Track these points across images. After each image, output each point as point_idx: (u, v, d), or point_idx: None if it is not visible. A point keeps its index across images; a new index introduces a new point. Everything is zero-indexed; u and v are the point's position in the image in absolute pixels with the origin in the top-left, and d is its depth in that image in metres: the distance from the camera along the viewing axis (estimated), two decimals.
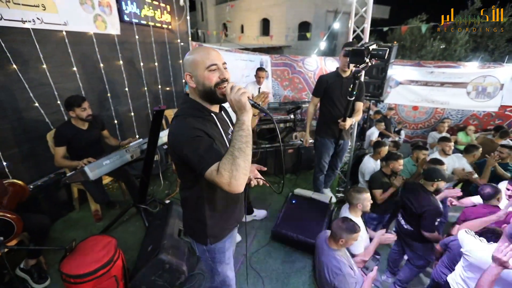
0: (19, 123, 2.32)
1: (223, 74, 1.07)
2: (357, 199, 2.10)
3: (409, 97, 5.85)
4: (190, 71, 1.08)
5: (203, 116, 1.10)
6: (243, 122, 0.96)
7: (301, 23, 16.96)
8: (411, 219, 2.18)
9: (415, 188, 2.19)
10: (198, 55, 1.06)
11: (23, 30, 2.24)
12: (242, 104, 0.95)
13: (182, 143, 0.99)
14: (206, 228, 1.24)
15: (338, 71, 2.48)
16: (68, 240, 2.48)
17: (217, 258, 1.34)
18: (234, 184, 0.93)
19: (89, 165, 1.98)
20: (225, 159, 0.94)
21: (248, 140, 0.95)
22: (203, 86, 1.07)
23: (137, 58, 3.51)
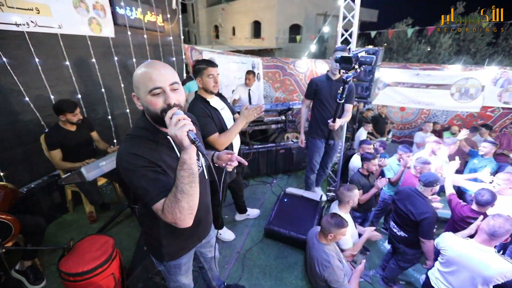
0: (14, 126, 2.33)
1: (168, 99, 0.90)
2: (348, 196, 2.20)
3: (397, 98, 6.03)
4: (135, 92, 0.95)
5: (156, 140, 0.98)
6: (184, 161, 0.85)
7: (292, 25, 17.20)
8: (406, 226, 2.20)
9: (411, 194, 2.21)
10: (140, 75, 0.91)
11: (18, 33, 2.26)
12: (179, 140, 0.82)
13: (127, 171, 0.91)
14: (162, 247, 1.18)
15: (328, 74, 2.59)
16: (62, 241, 2.49)
17: (172, 272, 1.31)
18: (180, 224, 0.90)
19: (85, 166, 2.02)
20: (168, 200, 0.88)
21: (192, 180, 0.86)
22: (148, 111, 0.94)
23: (132, 60, 3.54)
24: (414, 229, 2.14)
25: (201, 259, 1.59)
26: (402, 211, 2.24)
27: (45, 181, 2.65)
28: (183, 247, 1.26)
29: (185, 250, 1.28)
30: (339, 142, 2.87)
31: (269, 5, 16.37)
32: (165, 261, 1.23)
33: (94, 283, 1.65)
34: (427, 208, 2.08)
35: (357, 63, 1.91)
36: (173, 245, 1.20)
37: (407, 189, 2.31)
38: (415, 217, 2.10)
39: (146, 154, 0.92)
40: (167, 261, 1.23)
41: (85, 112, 2.96)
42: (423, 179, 2.20)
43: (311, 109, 2.80)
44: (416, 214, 2.10)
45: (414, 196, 2.20)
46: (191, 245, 1.30)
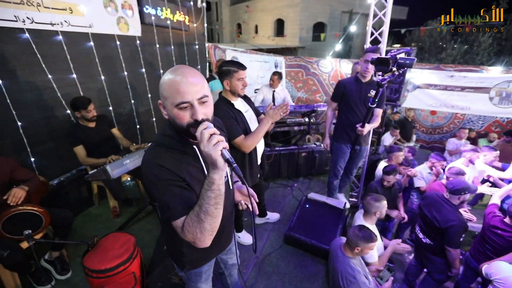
0: (47, 121, 2.44)
1: (196, 115, 0.83)
2: (376, 207, 2.07)
3: (427, 102, 5.69)
4: (162, 101, 0.89)
5: (181, 149, 0.93)
6: (213, 181, 0.79)
7: (316, 24, 16.83)
8: (431, 233, 2.09)
9: (437, 200, 2.09)
10: (168, 86, 0.83)
11: (52, 32, 2.35)
12: (212, 160, 0.76)
13: (151, 182, 0.88)
14: (183, 256, 1.15)
15: (357, 76, 2.45)
16: (88, 234, 2.61)
17: (192, 279, 1.28)
18: (198, 244, 0.86)
19: (110, 164, 2.05)
20: (190, 218, 0.84)
21: (218, 201, 0.82)
22: (174, 123, 0.89)
23: (157, 58, 3.60)
24: (440, 236, 2.02)
25: (222, 265, 1.56)
26: (427, 217, 2.11)
27: (73, 175, 2.76)
28: (204, 257, 1.23)
29: (206, 260, 1.25)
30: (366, 147, 2.73)
31: (293, 3, 16.11)
32: (186, 270, 1.21)
33: (115, 281, 1.67)
34: (453, 216, 1.96)
35: (395, 65, 1.77)
36: (194, 255, 1.17)
37: (434, 195, 2.18)
38: (440, 224, 1.99)
39: (171, 166, 0.87)
40: (188, 270, 1.21)
41: (112, 109, 3.04)
42: (450, 186, 2.07)
43: (337, 112, 2.67)
44: (441, 221, 1.99)
45: (440, 203, 2.07)
46: (212, 255, 1.27)
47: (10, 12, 2.04)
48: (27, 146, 2.28)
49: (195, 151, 0.96)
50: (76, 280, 2.09)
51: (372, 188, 2.63)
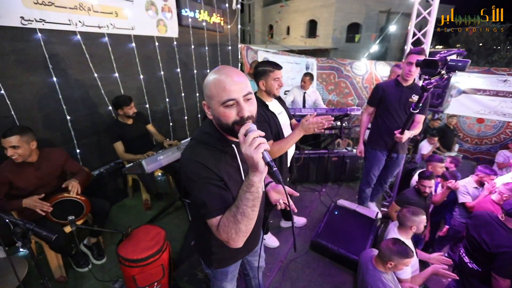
0: (91, 116, 2.63)
1: (242, 112, 0.84)
2: (412, 221, 1.91)
3: (474, 108, 5.20)
4: (206, 101, 0.89)
5: (220, 148, 0.93)
6: (253, 183, 0.79)
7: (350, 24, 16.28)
8: (480, 257, 1.88)
9: (489, 222, 1.87)
10: (213, 84, 0.84)
11: (99, 34, 2.53)
12: (254, 163, 0.76)
13: (189, 180, 0.89)
14: (212, 255, 1.16)
15: (398, 79, 2.31)
16: (121, 223, 2.77)
17: (218, 278, 1.30)
18: (232, 244, 0.87)
19: (146, 159, 2.15)
20: (226, 218, 0.85)
21: (255, 204, 0.82)
22: (219, 122, 0.89)
23: (191, 59, 3.72)
24: (488, 262, 1.80)
25: (247, 267, 1.56)
26: (475, 240, 1.89)
27: (112, 167, 2.95)
28: (232, 257, 1.24)
29: (234, 260, 1.26)
30: (403, 155, 2.55)
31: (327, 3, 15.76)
32: (213, 268, 1.22)
33: (145, 271, 1.74)
34: (508, 242, 1.73)
35: (445, 68, 1.62)
36: (222, 254, 1.18)
37: (486, 216, 1.94)
38: (489, 248, 1.77)
39: (210, 164, 0.88)
40: (215, 269, 1.22)
41: (148, 107, 3.21)
42: (507, 207, 1.82)
43: (374, 117, 2.53)
44: (491, 245, 1.77)
45: (493, 225, 1.84)
46: (240, 255, 1.27)
47: (65, 17, 2.23)
48: (74, 139, 2.48)
49: (233, 150, 0.95)
50: (110, 266, 2.23)
51: (403, 198, 2.40)
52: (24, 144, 1.73)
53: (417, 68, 2.13)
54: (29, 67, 2.11)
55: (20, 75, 2.06)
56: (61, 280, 2.04)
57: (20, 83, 2.07)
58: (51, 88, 2.25)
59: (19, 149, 1.72)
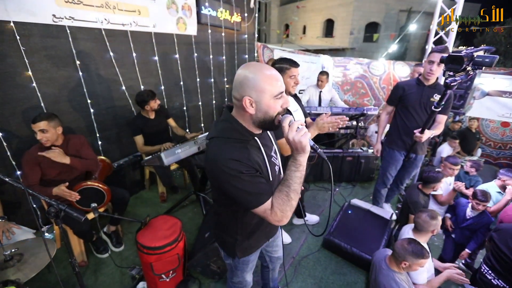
0: (112, 110, 2.74)
1: (286, 103, 0.95)
2: (433, 225, 1.84)
3: (499, 111, 4.98)
4: (253, 96, 0.91)
5: (245, 141, 0.98)
6: (301, 163, 0.91)
7: (369, 24, 15.92)
8: (507, 272, 1.77)
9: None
10: (267, 80, 0.89)
11: (122, 32, 2.63)
12: (302, 146, 0.88)
13: (224, 177, 0.92)
14: (236, 245, 1.21)
15: (419, 78, 2.25)
16: (139, 213, 2.87)
17: (239, 267, 1.34)
18: (284, 221, 0.94)
19: (164, 152, 2.23)
20: (279, 198, 0.92)
21: (301, 180, 0.93)
22: (264, 115, 0.94)
23: (209, 57, 3.79)
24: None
25: (267, 258, 1.60)
26: (502, 253, 1.77)
27: (130, 160, 3.06)
28: (254, 245, 1.28)
29: (255, 248, 1.30)
30: (422, 156, 2.49)
31: (345, 2, 15.50)
32: (238, 257, 1.25)
33: (162, 259, 1.80)
34: None
35: (470, 64, 1.57)
36: (246, 243, 1.23)
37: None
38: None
39: (243, 159, 0.92)
40: (239, 257, 1.26)
41: (165, 103, 3.30)
42: None
43: (393, 116, 2.48)
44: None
45: None
46: (260, 243, 1.31)
47: (92, 14, 2.35)
48: (96, 131, 2.60)
49: (257, 142, 1.02)
50: (128, 253, 2.32)
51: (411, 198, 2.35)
52: (51, 129, 1.85)
53: (439, 66, 2.07)
54: (58, 62, 2.23)
55: (50, 70, 2.19)
56: (82, 265, 2.15)
57: (50, 77, 2.20)
58: (77, 82, 2.37)
59: (48, 133, 1.84)
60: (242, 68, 0.94)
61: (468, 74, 1.62)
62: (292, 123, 0.89)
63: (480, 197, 2.28)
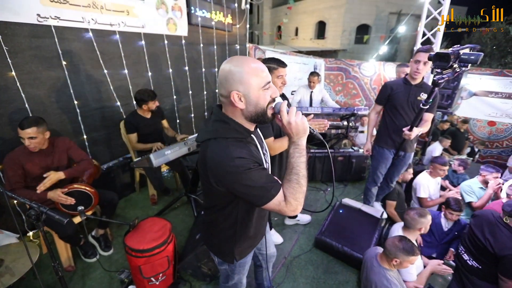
0: (100, 111, 2.69)
1: (275, 92, 0.94)
2: (421, 223, 1.89)
3: (485, 111, 5.11)
4: (241, 90, 0.89)
5: (244, 139, 0.97)
6: (303, 147, 0.92)
7: (360, 26, 16.14)
8: (481, 256, 1.85)
9: (492, 222, 1.83)
10: (252, 71, 0.88)
11: (110, 32, 2.59)
12: (304, 128, 0.90)
13: (232, 177, 0.88)
14: (235, 248, 1.17)
15: (406, 78, 2.29)
16: (128, 216, 2.82)
17: (236, 271, 1.31)
18: (299, 209, 0.93)
19: (154, 153, 2.19)
20: (291, 188, 0.91)
21: (306, 165, 0.94)
22: (255, 108, 0.92)
23: (200, 58, 3.77)
24: (492, 262, 1.77)
25: (260, 258, 1.59)
26: (477, 239, 1.85)
27: (120, 162, 3.01)
28: (251, 244, 1.26)
29: (251, 248, 1.29)
30: (410, 154, 2.52)
31: (337, 4, 15.67)
32: (236, 261, 1.22)
33: (151, 262, 1.77)
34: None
35: (457, 62, 1.62)
36: (244, 244, 1.20)
37: (489, 214, 1.90)
38: (494, 250, 1.74)
39: (247, 155, 0.90)
40: (237, 260, 1.22)
41: None
42: (508, 209, 1.77)
43: (382, 115, 2.52)
44: (496, 247, 1.73)
45: (497, 225, 1.80)
46: (256, 242, 1.30)
47: (78, 14, 2.30)
48: (83, 132, 2.55)
49: (254, 140, 1.03)
50: (117, 257, 2.28)
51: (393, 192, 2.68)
52: (40, 135, 1.80)
53: (425, 66, 2.12)
54: (44, 62, 2.18)
55: (35, 70, 2.13)
56: (69, 270, 2.10)
57: (35, 78, 2.14)
58: (63, 83, 2.32)
59: (36, 139, 1.79)
60: (226, 63, 0.93)
61: (455, 72, 1.66)
62: (290, 108, 0.92)
63: (454, 206, 2.22)
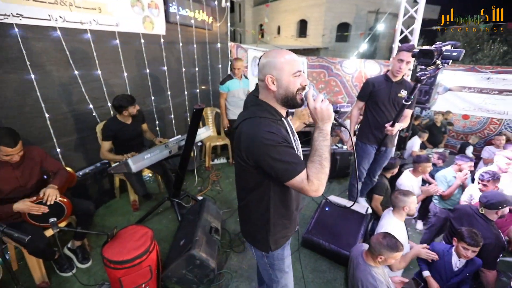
0: (72, 114, 2.52)
1: (305, 81, 1.06)
2: (404, 201, 1.93)
3: (459, 105, 5.35)
4: (274, 74, 1.03)
5: (276, 120, 1.07)
6: (327, 132, 1.00)
7: (340, 24, 16.44)
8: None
9: (470, 214, 1.91)
10: (285, 60, 1.03)
11: (81, 30, 2.44)
12: (329, 114, 0.99)
13: (263, 149, 0.97)
14: (269, 235, 1.20)
15: (387, 75, 2.32)
16: (108, 225, 2.69)
17: (276, 265, 1.31)
18: (320, 190, 0.98)
19: (132, 158, 2.09)
20: (313, 168, 0.97)
21: (329, 149, 1.01)
22: (285, 91, 1.05)
23: (179, 57, 3.65)
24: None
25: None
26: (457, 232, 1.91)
27: (98, 168, 2.86)
28: (285, 235, 1.27)
29: (286, 239, 1.29)
30: (392, 149, 2.58)
31: (318, 3, 15.86)
32: (271, 251, 1.24)
33: (132, 273, 1.68)
34: (488, 233, 1.78)
35: (440, 58, 1.66)
36: (279, 233, 1.23)
37: (467, 208, 2.00)
38: None
39: (278, 131, 1.00)
40: (273, 250, 1.24)
41: None
42: (484, 200, 1.86)
43: (364, 111, 2.55)
44: None
45: (474, 217, 1.88)
46: (290, 233, 1.30)
47: (45, 12, 2.14)
48: (53, 138, 2.37)
49: (284, 123, 1.11)
50: (96, 269, 2.15)
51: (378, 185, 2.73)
52: (20, 146, 1.71)
53: (407, 65, 2.16)
54: (5, 64, 2.00)
55: None
56: (43, 286, 1.95)
57: None
58: (28, 86, 2.15)
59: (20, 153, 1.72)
60: (263, 56, 1.08)
61: (437, 68, 1.70)
62: (317, 95, 1.02)
63: (468, 240, 1.72)
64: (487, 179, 2.18)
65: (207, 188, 3.46)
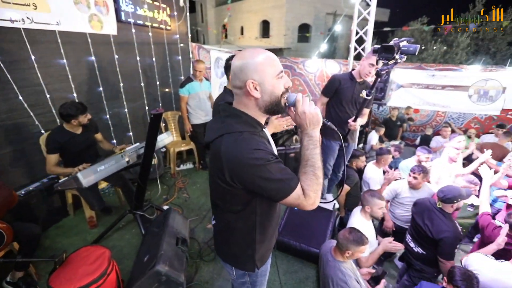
0: (6, 124, 2.21)
1: (288, 82, 0.94)
2: (367, 201, 2.01)
3: (410, 100, 5.80)
4: (256, 78, 0.89)
5: (258, 133, 0.94)
6: (316, 138, 0.92)
7: (301, 25, 16.95)
8: (424, 242, 2.02)
9: (429, 208, 2.02)
10: (264, 61, 0.89)
11: (13, 29, 2.14)
12: (318, 118, 0.91)
13: (252, 171, 0.85)
14: (255, 253, 1.11)
15: (353, 74, 2.39)
16: (60, 248, 2.40)
17: (258, 282, 1.23)
18: (317, 202, 0.91)
19: (82, 171, 1.88)
20: (308, 180, 0.89)
21: (320, 156, 0.93)
22: (270, 96, 0.91)
23: (135, 59, 3.41)
24: (433, 247, 1.95)
25: None
26: (419, 226, 2.04)
27: (44, 184, 2.54)
28: (269, 247, 1.21)
29: (270, 251, 1.23)
30: (353, 144, 2.69)
31: (278, 4, 16.16)
32: (257, 268, 1.15)
33: None
34: (446, 226, 1.89)
35: (398, 53, 1.75)
36: (263, 248, 1.14)
37: (426, 202, 2.10)
38: (432, 235, 1.92)
39: (265, 147, 0.89)
40: (259, 268, 1.15)
41: None
42: (441, 194, 1.97)
43: (326, 108, 2.58)
44: (434, 231, 1.92)
45: (433, 211, 1.99)
46: (272, 244, 1.24)
47: None
48: None
49: (265, 134, 1.02)
50: None
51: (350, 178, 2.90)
52: None
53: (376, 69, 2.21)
54: None
55: None
56: None
57: None
58: None
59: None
60: (237, 57, 0.93)
61: (396, 62, 1.80)
62: (304, 97, 0.92)
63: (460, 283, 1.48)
64: (418, 172, 2.36)
65: (173, 196, 3.29)
